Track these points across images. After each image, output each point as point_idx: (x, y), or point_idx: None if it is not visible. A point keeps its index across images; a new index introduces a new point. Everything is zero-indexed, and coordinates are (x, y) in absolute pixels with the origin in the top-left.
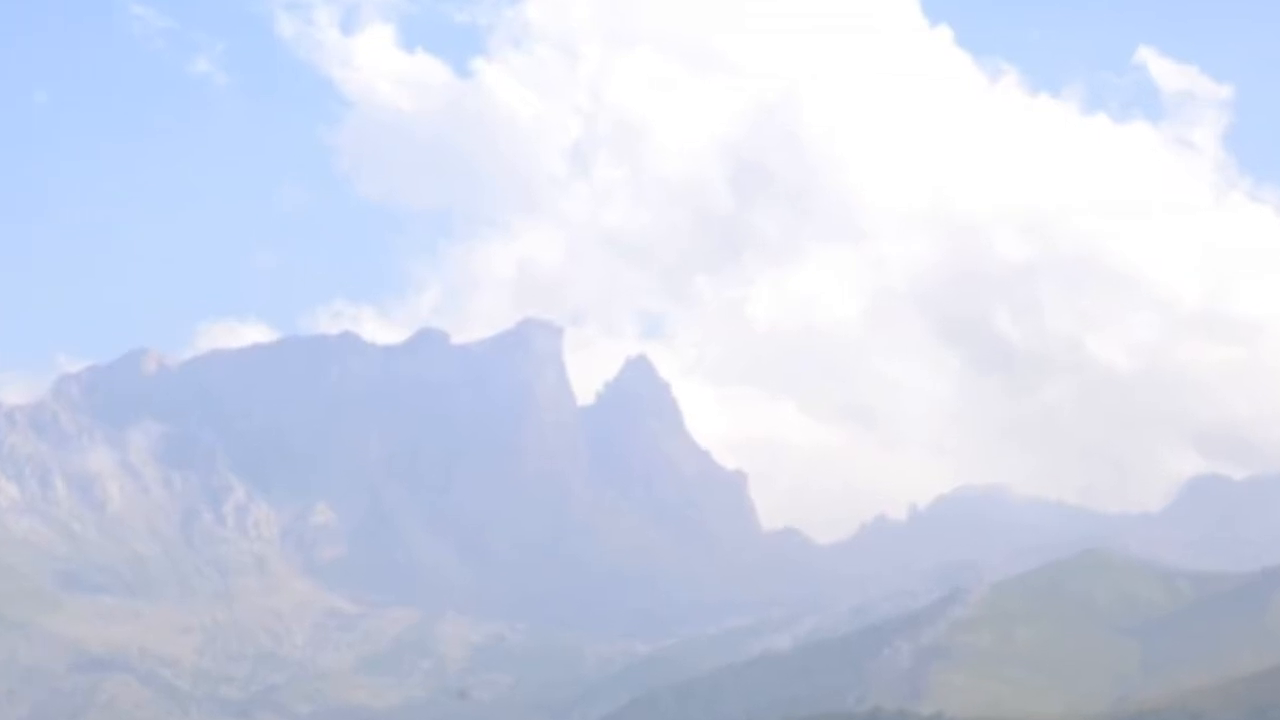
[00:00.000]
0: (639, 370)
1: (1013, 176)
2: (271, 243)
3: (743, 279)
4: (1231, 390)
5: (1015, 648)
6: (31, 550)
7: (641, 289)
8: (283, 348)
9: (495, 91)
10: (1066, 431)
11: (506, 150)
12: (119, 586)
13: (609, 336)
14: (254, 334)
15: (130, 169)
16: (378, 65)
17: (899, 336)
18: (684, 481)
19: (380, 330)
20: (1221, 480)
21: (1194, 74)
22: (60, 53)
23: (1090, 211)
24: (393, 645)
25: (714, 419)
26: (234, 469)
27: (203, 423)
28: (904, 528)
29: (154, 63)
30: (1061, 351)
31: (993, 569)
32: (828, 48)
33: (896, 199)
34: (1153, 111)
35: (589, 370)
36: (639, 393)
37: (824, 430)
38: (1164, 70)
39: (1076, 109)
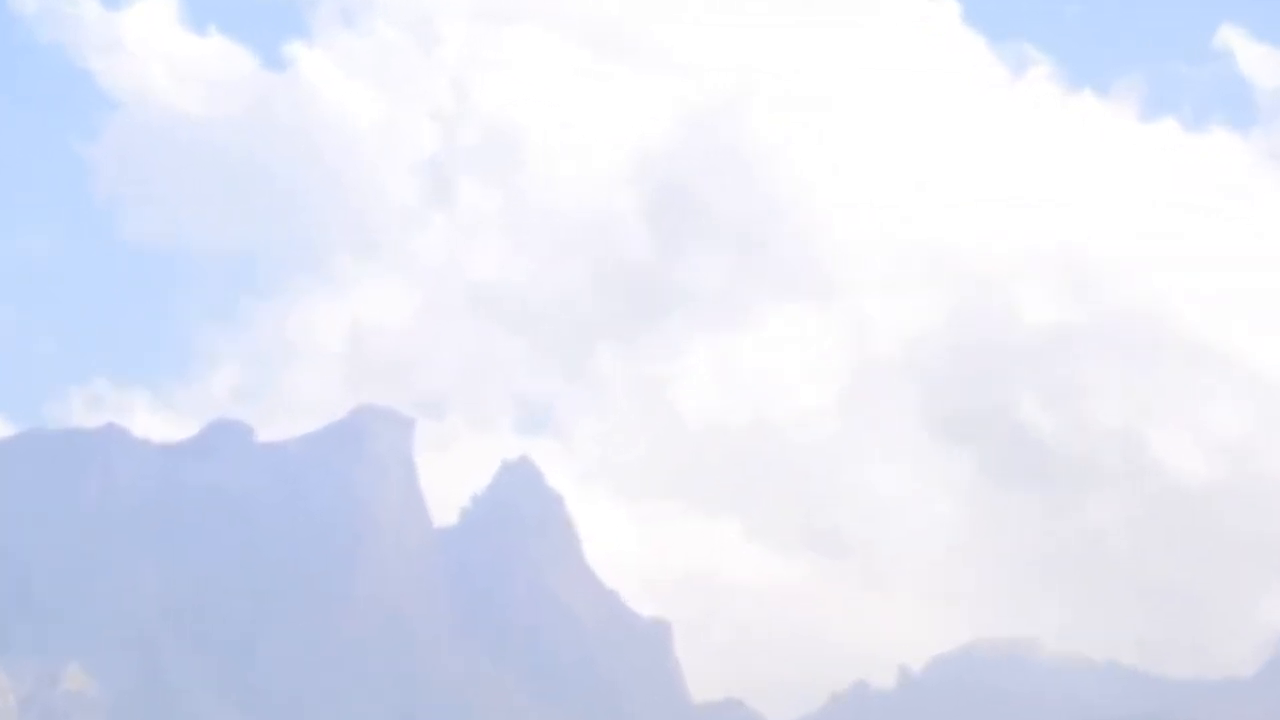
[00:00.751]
0: (520, 477)
1: (1044, 208)
2: (5, 302)
3: (667, 351)
4: None
5: None
6: None
7: (523, 365)
8: (20, 446)
9: (319, 89)
10: (1119, 565)
11: (334, 170)
12: None
13: (478, 430)
14: None
15: None
16: (155, 52)
17: (886, 432)
18: (583, 634)
19: (157, 423)
20: None
21: None
22: None
23: (1151, 258)
24: None
25: (626, 546)
26: None
27: None
28: (892, 698)
29: None
30: (1112, 453)
31: None
32: (787, 31)
33: (883, 240)
34: (1241, 116)
35: (450, 478)
36: (520, 508)
37: (781, 563)
38: (1255, 59)
39: (1133, 113)
